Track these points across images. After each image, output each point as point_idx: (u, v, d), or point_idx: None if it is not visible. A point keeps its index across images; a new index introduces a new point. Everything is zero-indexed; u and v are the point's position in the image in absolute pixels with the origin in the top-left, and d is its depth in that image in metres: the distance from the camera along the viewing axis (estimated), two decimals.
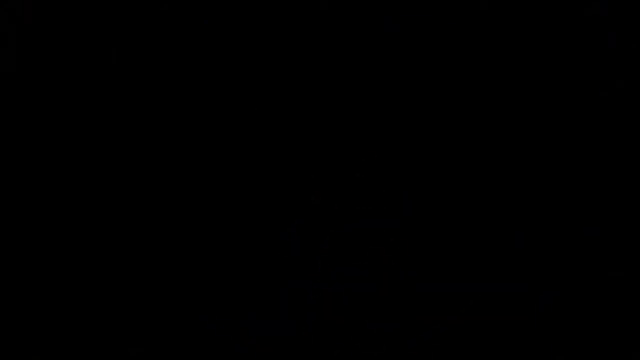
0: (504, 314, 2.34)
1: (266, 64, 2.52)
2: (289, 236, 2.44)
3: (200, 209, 2.48)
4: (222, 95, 2.52)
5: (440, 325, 2.35)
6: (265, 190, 2.48)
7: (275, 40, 2.51)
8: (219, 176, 2.49)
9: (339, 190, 2.45)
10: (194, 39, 2.51)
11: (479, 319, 2.34)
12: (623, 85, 2.43)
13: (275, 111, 2.51)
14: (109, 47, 2.52)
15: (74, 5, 2.51)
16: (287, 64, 2.52)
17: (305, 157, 2.48)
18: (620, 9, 2.44)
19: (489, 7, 2.47)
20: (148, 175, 2.49)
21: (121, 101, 2.52)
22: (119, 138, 2.51)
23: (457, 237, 2.42)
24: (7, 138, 2.49)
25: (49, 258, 2.44)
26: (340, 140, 2.48)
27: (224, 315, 2.39)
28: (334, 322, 2.37)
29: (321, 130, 2.49)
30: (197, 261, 2.45)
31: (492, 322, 2.33)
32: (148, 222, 2.47)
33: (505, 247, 2.40)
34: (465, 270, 2.39)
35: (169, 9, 2.51)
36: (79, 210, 2.47)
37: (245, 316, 2.39)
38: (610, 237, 2.37)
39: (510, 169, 2.45)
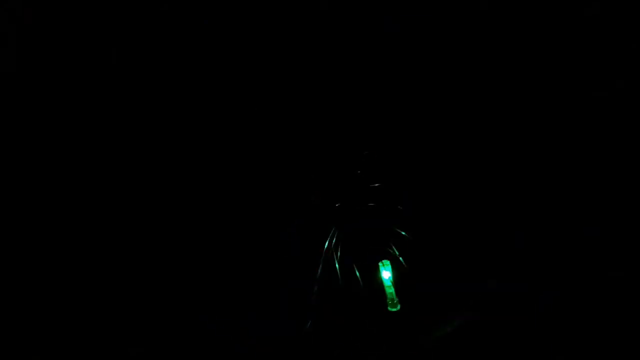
0: (504, 314, 2.34)
1: (266, 64, 2.52)
2: (289, 236, 2.44)
3: (200, 210, 2.49)
4: (222, 95, 2.52)
5: (440, 325, 2.35)
6: (265, 191, 2.48)
7: (275, 40, 2.51)
8: (219, 177, 2.50)
9: (339, 190, 2.46)
10: (194, 39, 2.52)
11: (479, 319, 2.34)
12: (623, 85, 2.44)
13: (275, 111, 2.51)
14: (109, 47, 2.52)
15: (74, 5, 2.51)
16: (287, 64, 2.52)
17: (305, 157, 2.49)
18: (620, 9, 2.44)
19: (488, 7, 2.47)
20: (148, 176, 2.50)
21: (121, 101, 2.52)
22: (118, 138, 2.51)
23: (457, 237, 2.42)
24: (7, 138, 2.50)
25: (49, 258, 2.45)
26: (340, 140, 2.49)
27: (224, 315, 2.39)
28: (334, 322, 2.37)
29: (321, 130, 2.49)
30: (197, 262, 2.45)
31: (492, 322, 2.33)
32: (148, 222, 2.48)
33: (505, 247, 2.40)
34: (465, 270, 2.39)
35: (169, 9, 2.51)
36: (78, 210, 2.48)
37: (245, 316, 2.39)
38: (610, 237, 2.37)
39: (510, 170, 2.45)
